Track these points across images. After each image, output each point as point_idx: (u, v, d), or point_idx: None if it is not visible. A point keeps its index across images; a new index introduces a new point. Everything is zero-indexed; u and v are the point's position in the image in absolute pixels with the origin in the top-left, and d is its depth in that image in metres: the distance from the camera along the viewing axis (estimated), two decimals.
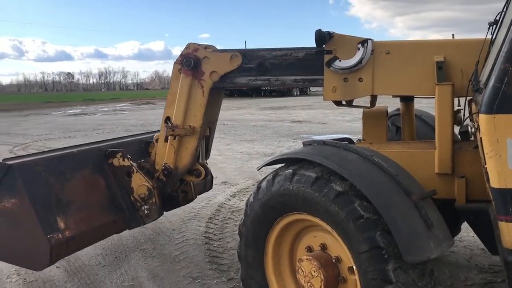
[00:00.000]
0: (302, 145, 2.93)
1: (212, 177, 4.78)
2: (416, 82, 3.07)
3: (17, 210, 3.32)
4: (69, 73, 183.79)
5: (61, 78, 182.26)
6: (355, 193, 2.39)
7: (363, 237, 2.31)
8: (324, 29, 3.22)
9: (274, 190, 2.71)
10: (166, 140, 3.94)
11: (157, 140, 4.08)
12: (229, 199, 6.51)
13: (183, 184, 4.19)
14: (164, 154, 3.98)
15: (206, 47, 3.83)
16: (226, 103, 33.12)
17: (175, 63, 3.90)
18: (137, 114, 26.71)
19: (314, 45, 3.32)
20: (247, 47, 4.24)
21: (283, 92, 45.89)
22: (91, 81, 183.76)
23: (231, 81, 3.74)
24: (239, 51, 3.68)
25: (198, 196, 6.44)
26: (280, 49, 3.57)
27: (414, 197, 2.38)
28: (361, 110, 3.67)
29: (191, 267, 4.22)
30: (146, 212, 3.87)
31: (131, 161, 3.91)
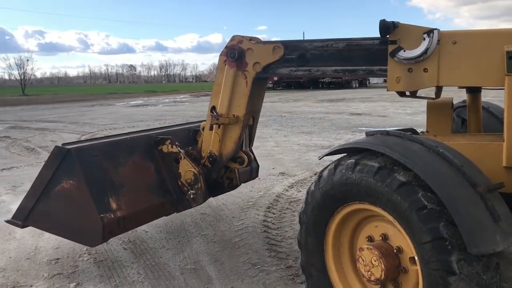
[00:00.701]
0: (365, 135, 2.94)
1: (258, 165, 4.99)
2: (485, 73, 2.97)
3: (74, 191, 3.61)
4: (131, 66, 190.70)
5: (124, 70, 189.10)
6: (419, 183, 2.37)
7: (426, 228, 2.29)
8: (384, 18, 3.19)
9: (335, 180, 2.73)
10: (211, 128, 4.13)
11: (203, 129, 4.27)
12: (286, 190, 6.57)
13: (228, 171, 4.37)
14: (209, 142, 4.17)
15: (251, 39, 3.94)
16: (283, 95, 33.28)
17: (220, 54, 4.06)
18: (196, 105, 27.26)
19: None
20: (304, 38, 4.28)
21: (342, 84, 45.15)
22: (152, 73, 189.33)
23: (274, 71, 3.84)
24: (282, 42, 3.75)
25: (256, 186, 6.64)
26: (321, 40, 3.60)
27: (480, 188, 2.33)
28: (423, 103, 3.60)
29: (250, 254, 4.32)
30: (192, 196, 4.09)
31: (179, 148, 4.12)
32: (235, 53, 3.89)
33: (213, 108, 4.11)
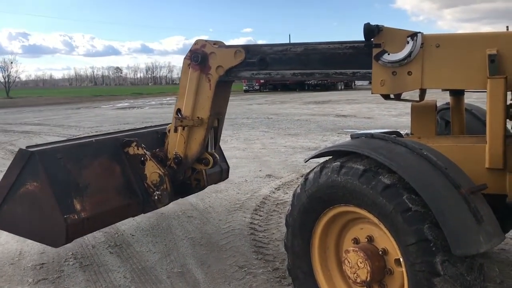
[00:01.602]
0: (350, 138, 2.96)
1: (228, 167, 5.28)
2: (467, 76, 3.01)
3: (38, 192, 3.67)
4: (117, 68, 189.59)
5: (110, 73, 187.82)
6: (403, 185, 2.39)
7: (411, 230, 2.31)
8: (369, 22, 3.22)
9: (321, 182, 2.75)
10: (175, 130, 4.23)
11: (169, 131, 4.33)
12: (273, 192, 6.58)
13: (195, 172, 4.48)
14: (175, 144, 4.25)
15: (215, 43, 4.03)
16: (270, 98, 33.34)
17: (184, 58, 4.13)
18: None
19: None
20: (291, 41, 4.32)
21: (327, 86, 45.41)
22: (138, 76, 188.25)
23: (236, 75, 3.95)
24: (243, 46, 3.87)
25: (242, 189, 6.66)
26: (280, 45, 3.73)
27: (463, 190, 2.36)
28: (408, 104, 3.64)
29: (237, 256, 4.32)
30: (158, 197, 4.16)
31: (144, 150, 4.20)
32: (199, 56, 3.98)
33: (178, 111, 4.19)
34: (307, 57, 3.60)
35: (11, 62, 67.12)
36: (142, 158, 4.18)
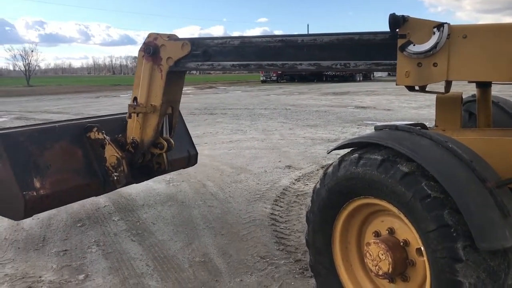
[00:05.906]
0: (374, 130, 2.94)
1: (197, 153, 5.73)
2: (495, 68, 2.96)
3: (2, 171, 4.05)
4: (135, 57, 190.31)
5: (128, 62, 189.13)
6: (422, 173, 2.38)
7: (430, 216, 2.30)
8: (386, 13, 3.18)
9: (340, 175, 2.74)
10: (129, 117, 4.64)
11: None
12: (293, 183, 6.57)
13: (155, 156, 4.85)
14: (132, 129, 4.66)
15: (168, 36, 4.32)
16: (287, 88, 33.27)
17: (139, 50, 4.47)
18: (200, 98, 27.21)
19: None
20: (309, 32, 4.35)
21: (345, 77, 45.10)
22: None
23: (183, 65, 4.25)
24: (189, 39, 4.17)
25: (262, 179, 6.67)
26: (221, 38, 4.05)
27: (489, 184, 2.34)
28: (428, 97, 3.60)
29: (258, 247, 4.33)
30: (116, 178, 4.57)
31: (104, 135, 4.61)
32: (151, 49, 4.32)
33: (135, 99, 4.56)
34: (243, 49, 3.86)
35: (32, 51, 67.96)
36: (102, 142, 4.58)
